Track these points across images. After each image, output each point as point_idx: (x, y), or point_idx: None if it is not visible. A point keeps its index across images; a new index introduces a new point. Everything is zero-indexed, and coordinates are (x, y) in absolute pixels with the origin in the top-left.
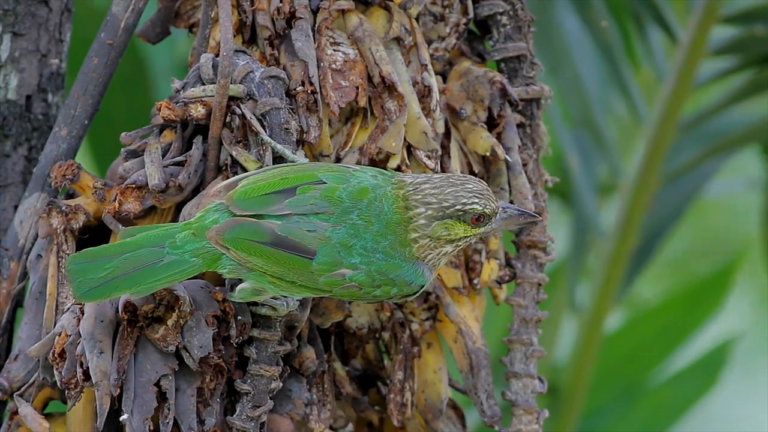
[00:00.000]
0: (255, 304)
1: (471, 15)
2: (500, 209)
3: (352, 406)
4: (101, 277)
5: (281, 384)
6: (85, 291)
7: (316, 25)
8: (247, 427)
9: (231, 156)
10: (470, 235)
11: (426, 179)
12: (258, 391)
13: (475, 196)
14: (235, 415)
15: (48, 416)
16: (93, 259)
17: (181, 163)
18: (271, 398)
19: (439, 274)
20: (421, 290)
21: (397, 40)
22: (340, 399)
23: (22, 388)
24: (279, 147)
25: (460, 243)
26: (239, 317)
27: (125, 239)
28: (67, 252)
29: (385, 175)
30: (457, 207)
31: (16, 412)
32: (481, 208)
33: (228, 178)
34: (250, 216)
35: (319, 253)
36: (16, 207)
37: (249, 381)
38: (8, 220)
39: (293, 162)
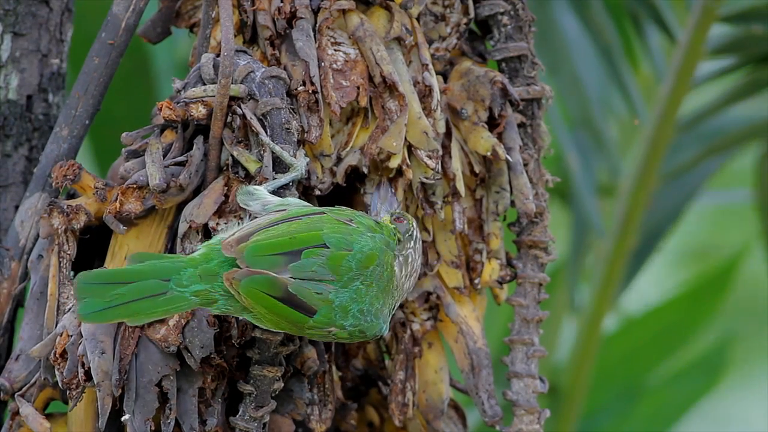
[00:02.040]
0: None
1: (472, 15)
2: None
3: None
4: (107, 302)
5: (282, 384)
6: (90, 312)
7: (317, 25)
8: (250, 427)
9: (232, 156)
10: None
11: (411, 247)
12: (260, 391)
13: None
14: (238, 416)
15: (49, 416)
16: (103, 281)
17: (182, 163)
18: (274, 398)
19: (440, 274)
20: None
21: (398, 39)
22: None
23: (24, 389)
24: (277, 149)
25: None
26: (240, 318)
27: (134, 266)
28: (69, 252)
29: (380, 231)
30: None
31: (17, 413)
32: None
33: (229, 178)
34: None
35: (318, 313)
36: (17, 207)
37: (251, 382)
38: (9, 220)
39: (292, 164)
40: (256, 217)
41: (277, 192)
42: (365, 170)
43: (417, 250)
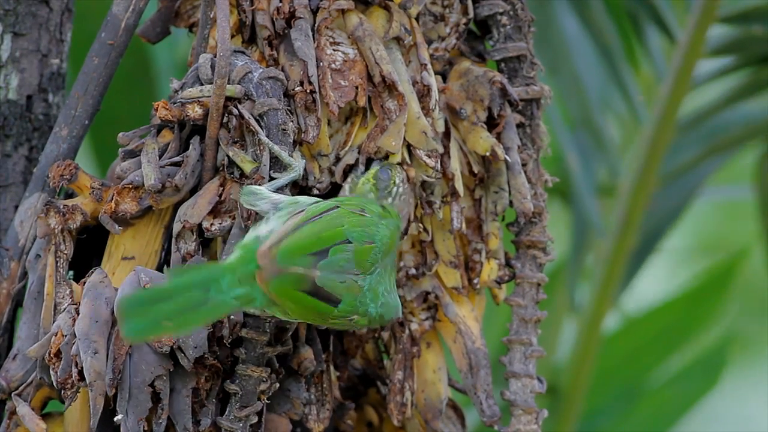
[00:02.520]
0: None
1: (471, 15)
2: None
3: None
4: (150, 319)
5: (277, 384)
6: (135, 332)
7: (316, 25)
8: (235, 427)
9: (228, 156)
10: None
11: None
12: (246, 391)
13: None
14: (224, 416)
15: (46, 416)
16: (146, 302)
17: (178, 164)
18: (267, 399)
19: (438, 274)
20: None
21: (397, 39)
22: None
23: (21, 388)
24: (276, 148)
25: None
26: (231, 317)
27: (174, 281)
28: (65, 252)
29: (388, 215)
30: None
31: (14, 412)
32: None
33: (225, 178)
34: None
35: (343, 302)
36: (16, 207)
37: (237, 381)
38: (9, 220)
39: (290, 164)
40: (268, 217)
41: (276, 192)
42: (362, 168)
43: (399, 203)
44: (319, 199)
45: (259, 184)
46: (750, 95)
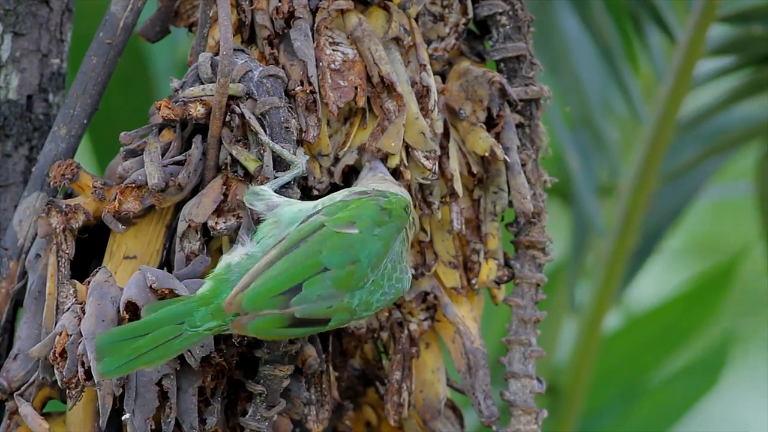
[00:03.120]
0: None
1: (470, 15)
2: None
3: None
4: (126, 356)
5: (289, 382)
6: (112, 369)
7: (315, 25)
8: (262, 427)
9: (231, 155)
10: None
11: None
12: (271, 391)
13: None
14: (248, 416)
15: (47, 416)
16: (121, 338)
17: (180, 163)
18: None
19: (437, 275)
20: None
21: (396, 40)
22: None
23: (22, 388)
24: (277, 147)
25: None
26: None
27: (149, 317)
28: (67, 251)
29: (389, 216)
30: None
31: (15, 412)
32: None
33: (227, 177)
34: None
35: (334, 319)
36: (16, 207)
37: (262, 381)
38: (9, 220)
39: (293, 161)
40: (260, 220)
41: (279, 191)
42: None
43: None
44: (310, 208)
45: (263, 184)
46: (750, 95)
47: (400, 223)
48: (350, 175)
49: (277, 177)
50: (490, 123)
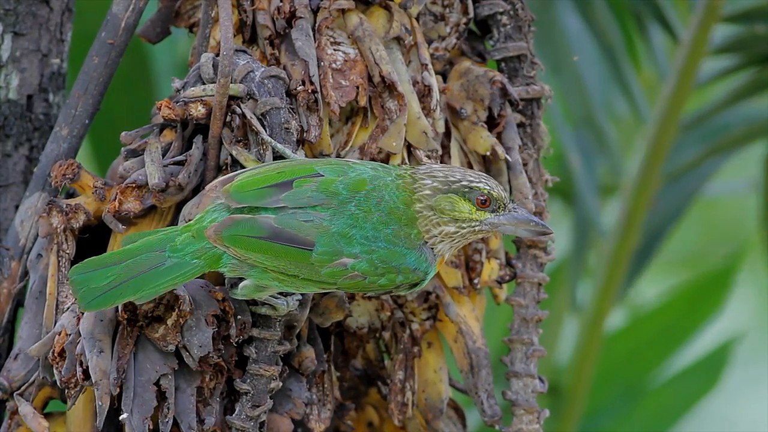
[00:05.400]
0: (255, 303)
1: (471, 15)
2: (511, 205)
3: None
4: (104, 286)
5: (281, 384)
6: (90, 300)
7: (317, 25)
8: (247, 426)
9: (231, 155)
10: (475, 220)
11: (437, 166)
12: (257, 390)
13: (483, 179)
14: (234, 415)
15: (48, 415)
16: (95, 268)
17: (181, 163)
18: (270, 398)
19: (439, 274)
20: (427, 279)
21: (398, 39)
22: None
23: (22, 388)
24: (279, 146)
25: (464, 226)
26: (239, 316)
27: (126, 246)
28: (67, 251)
29: (386, 168)
30: (464, 183)
31: (16, 412)
32: (488, 188)
33: None
34: (246, 208)
35: (318, 244)
36: (17, 207)
37: (248, 380)
38: (9, 220)
39: (286, 156)
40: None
41: None
42: None
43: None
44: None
45: None
46: (753, 94)
47: (398, 180)
48: None
49: None
50: (492, 122)
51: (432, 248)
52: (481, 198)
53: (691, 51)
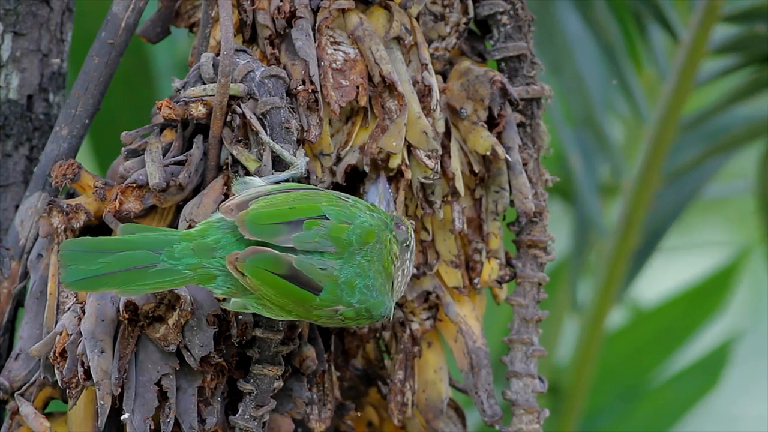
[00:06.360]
0: None
1: (471, 14)
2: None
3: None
4: (92, 270)
5: (282, 383)
6: (74, 280)
7: (317, 25)
8: (250, 426)
9: (232, 155)
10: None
11: (408, 258)
12: (261, 390)
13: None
14: (237, 415)
15: (49, 415)
16: (88, 249)
17: (181, 163)
18: (272, 397)
19: (439, 274)
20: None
21: (398, 39)
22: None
23: (23, 388)
24: (277, 147)
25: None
26: (240, 317)
27: (124, 236)
28: None
29: (379, 213)
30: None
31: (16, 412)
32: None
33: (228, 177)
34: (257, 243)
35: (324, 290)
36: (17, 206)
37: (252, 381)
38: (9, 220)
39: (292, 162)
40: (239, 191)
41: None
42: (366, 169)
43: (411, 260)
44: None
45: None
46: (753, 94)
47: (388, 223)
48: (352, 174)
49: (273, 175)
50: (492, 122)
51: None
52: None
53: (691, 51)
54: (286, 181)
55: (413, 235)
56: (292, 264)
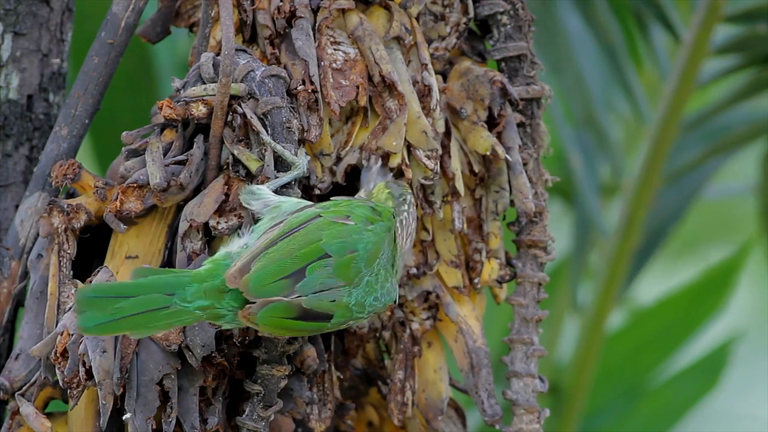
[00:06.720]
0: None
1: (471, 14)
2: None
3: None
4: (108, 315)
5: (286, 383)
6: (91, 326)
7: (317, 24)
8: (259, 427)
9: (232, 155)
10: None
11: (405, 210)
12: (268, 390)
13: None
14: (245, 416)
15: (49, 415)
16: (104, 294)
17: (182, 162)
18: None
19: (439, 274)
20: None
21: (398, 39)
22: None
23: (24, 388)
24: (278, 147)
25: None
26: None
27: (137, 280)
28: (68, 251)
29: (379, 218)
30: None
31: (17, 412)
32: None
33: (229, 177)
34: None
35: (336, 316)
36: (17, 206)
37: (259, 381)
38: (9, 220)
39: (294, 162)
40: (258, 219)
41: (279, 191)
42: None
43: (411, 213)
44: (306, 202)
45: (263, 183)
46: (754, 94)
47: (389, 224)
48: (352, 174)
49: (277, 177)
50: (492, 122)
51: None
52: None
53: (692, 51)
54: (289, 184)
55: (409, 190)
56: (301, 305)
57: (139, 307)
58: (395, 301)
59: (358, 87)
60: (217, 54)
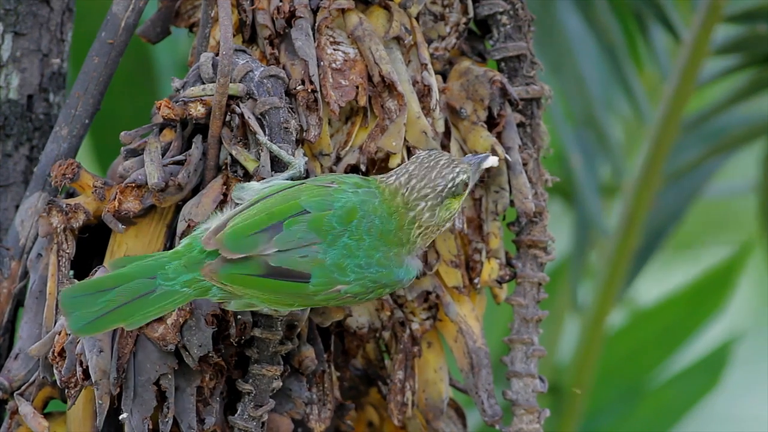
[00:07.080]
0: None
1: (471, 14)
2: (470, 164)
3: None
4: (96, 311)
5: (281, 383)
6: (81, 326)
7: (316, 24)
8: (250, 426)
9: (231, 155)
10: (460, 204)
11: (408, 176)
12: (260, 390)
13: (457, 167)
14: (236, 415)
15: (48, 415)
16: (86, 292)
17: (180, 162)
18: (271, 398)
19: (439, 274)
20: (412, 279)
21: (397, 39)
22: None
23: (23, 387)
24: (275, 148)
25: (454, 215)
26: (239, 317)
27: (116, 271)
28: (67, 251)
29: (368, 184)
30: (449, 186)
31: (16, 411)
32: (466, 175)
33: (228, 177)
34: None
35: (314, 276)
36: (17, 206)
37: (251, 381)
38: (10, 220)
39: (290, 162)
40: (227, 208)
41: None
42: (363, 169)
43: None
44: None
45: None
46: (754, 94)
47: (377, 191)
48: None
49: (273, 176)
50: (491, 122)
51: (416, 252)
52: (467, 183)
53: (692, 51)
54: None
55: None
56: (267, 262)
57: (125, 296)
58: (409, 280)
59: (357, 87)
60: (217, 54)
